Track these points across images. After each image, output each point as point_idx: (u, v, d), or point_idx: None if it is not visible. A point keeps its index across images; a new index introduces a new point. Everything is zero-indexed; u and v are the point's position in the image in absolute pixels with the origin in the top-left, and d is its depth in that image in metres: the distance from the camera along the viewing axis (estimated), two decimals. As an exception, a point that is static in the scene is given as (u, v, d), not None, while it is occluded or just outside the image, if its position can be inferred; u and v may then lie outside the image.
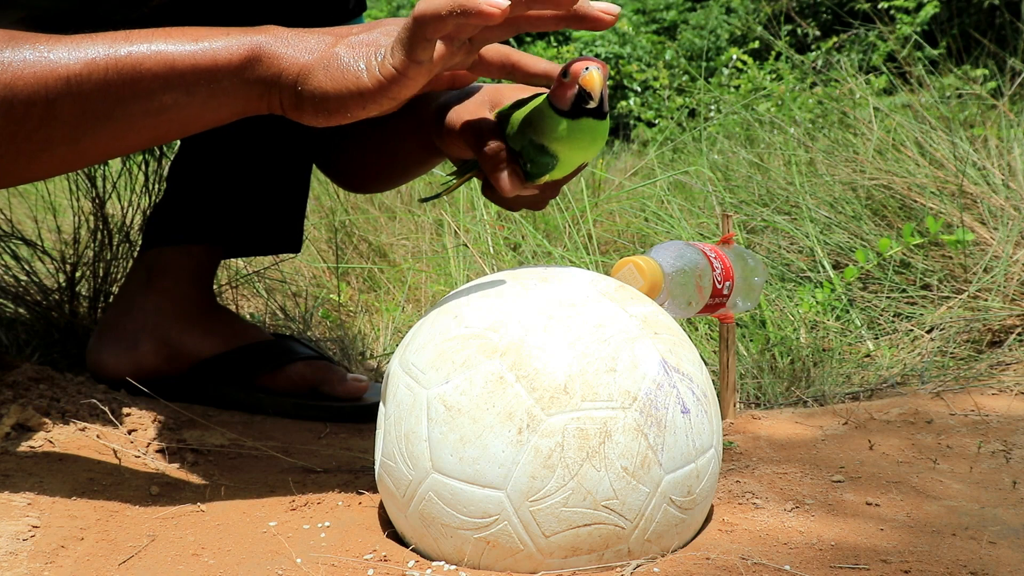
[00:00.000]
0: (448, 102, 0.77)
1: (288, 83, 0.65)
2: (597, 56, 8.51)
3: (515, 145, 0.69)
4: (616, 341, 0.62)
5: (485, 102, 0.76)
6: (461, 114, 0.75)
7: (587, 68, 0.63)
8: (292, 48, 0.65)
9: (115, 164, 1.47)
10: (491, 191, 0.75)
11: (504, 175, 0.69)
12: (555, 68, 0.70)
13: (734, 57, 4.42)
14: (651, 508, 0.60)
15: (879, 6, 4.55)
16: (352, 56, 0.63)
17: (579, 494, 0.58)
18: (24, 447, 0.80)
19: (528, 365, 0.60)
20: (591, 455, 0.58)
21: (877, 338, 1.40)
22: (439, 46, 0.61)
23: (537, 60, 0.71)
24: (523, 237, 1.92)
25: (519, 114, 0.69)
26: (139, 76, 0.64)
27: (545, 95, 0.68)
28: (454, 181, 0.79)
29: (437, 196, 0.84)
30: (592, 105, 0.64)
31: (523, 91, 0.75)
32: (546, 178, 0.70)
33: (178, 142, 1.17)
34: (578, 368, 0.60)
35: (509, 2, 0.57)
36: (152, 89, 0.64)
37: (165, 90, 0.64)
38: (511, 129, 0.70)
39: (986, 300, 1.41)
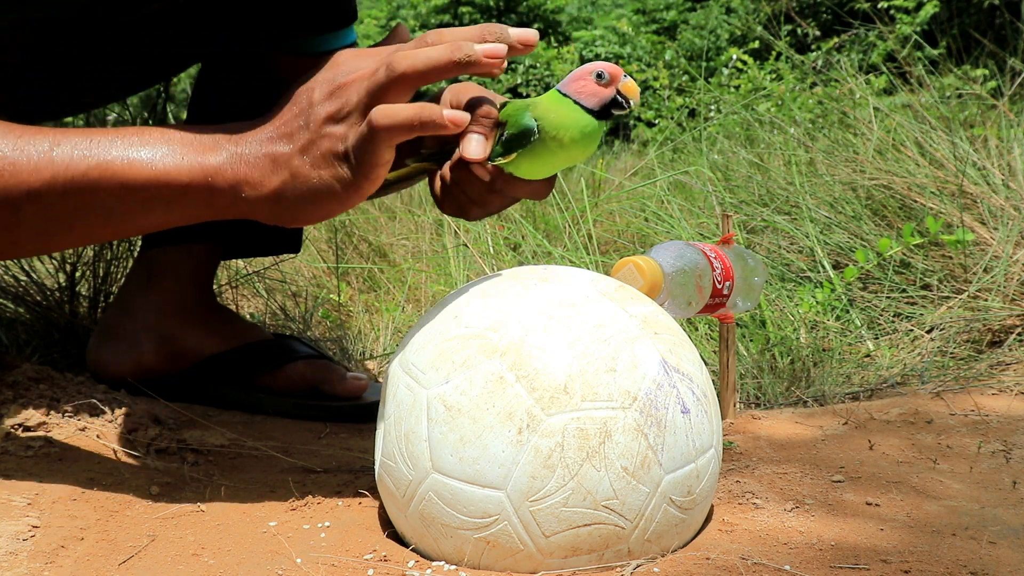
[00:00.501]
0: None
1: (262, 207, 0.66)
2: (598, 56, 8.52)
3: (504, 115, 0.67)
4: (616, 341, 0.62)
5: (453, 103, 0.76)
6: (460, 90, 0.74)
7: (626, 76, 0.65)
8: (252, 172, 0.65)
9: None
10: (439, 181, 0.72)
11: (476, 136, 0.66)
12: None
13: (734, 57, 4.42)
14: (651, 508, 0.60)
15: (879, 6, 4.55)
16: (317, 173, 0.64)
17: (579, 494, 0.58)
18: (24, 447, 0.80)
19: (528, 365, 0.60)
20: (591, 455, 0.58)
21: (877, 338, 1.40)
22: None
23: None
24: (523, 237, 1.92)
25: (523, 102, 0.68)
26: (96, 195, 0.65)
27: (555, 91, 0.67)
28: (406, 169, 0.75)
29: (380, 194, 0.79)
30: (623, 112, 0.66)
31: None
32: (512, 158, 0.66)
33: None
34: (578, 368, 0.60)
35: (468, 115, 0.61)
36: (110, 206, 0.66)
37: (123, 207, 0.66)
38: (509, 107, 0.68)
39: (986, 300, 1.41)
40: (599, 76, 0.65)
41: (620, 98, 0.65)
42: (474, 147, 0.66)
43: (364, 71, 0.65)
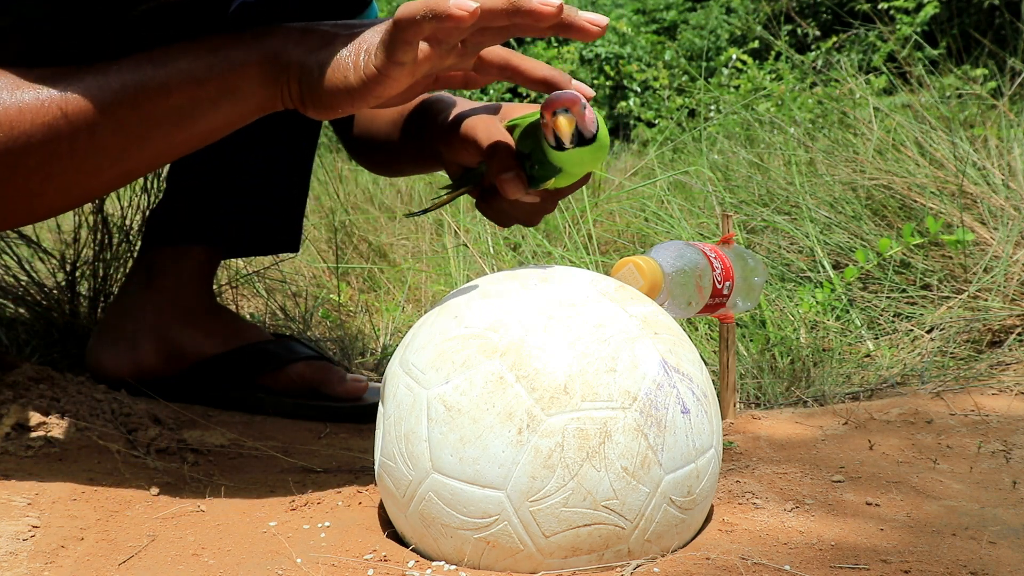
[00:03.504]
0: (465, 113, 0.79)
1: (293, 80, 0.68)
2: (598, 56, 8.51)
3: (524, 148, 0.71)
4: (616, 341, 0.62)
5: (500, 117, 0.79)
6: (475, 121, 0.76)
7: (555, 113, 0.65)
8: (297, 47, 0.68)
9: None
10: (485, 204, 0.78)
11: (510, 176, 0.70)
12: (556, 75, 0.71)
13: (734, 57, 4.42)
14: (651, 508, 0.60)
15: (879, 6, 4.55)
16: (344, 55, 0.65)
17: (579, 494, 0.58)
18: (24, 447, 0.80)
19: (528, 365, 0.60)
20: (591, 455, 0.58)
21: (877, 338, 1.40)
22: (424, 48, 0.63)
23: (537, 66, 0.72)
24: (523, 237, 1.92)
25: (527, 118, 0.72)
26: (169, 98, 0.68)
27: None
28: (446, 195, 0.80)
29: (426, 211, 0.84)
30: (568, 147, 0.66)
31: (535, 109, 0.76)
32: (550, 183, 0.70)
33: None
34: (578, 368, 0.60)
35: (477, 5, 0.59)
36: (182, 107, 0.68)
37: (195, 106, 0.69)
38: (520, 133, 0.72)
39: (986, 300, 1.41)
40: (542, 115, 0.67)
41: (557, 137, 0.66)
42: (513, 188, 0.70)
43: None
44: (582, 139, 0.67)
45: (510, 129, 0.74)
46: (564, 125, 0.65)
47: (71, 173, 0.69)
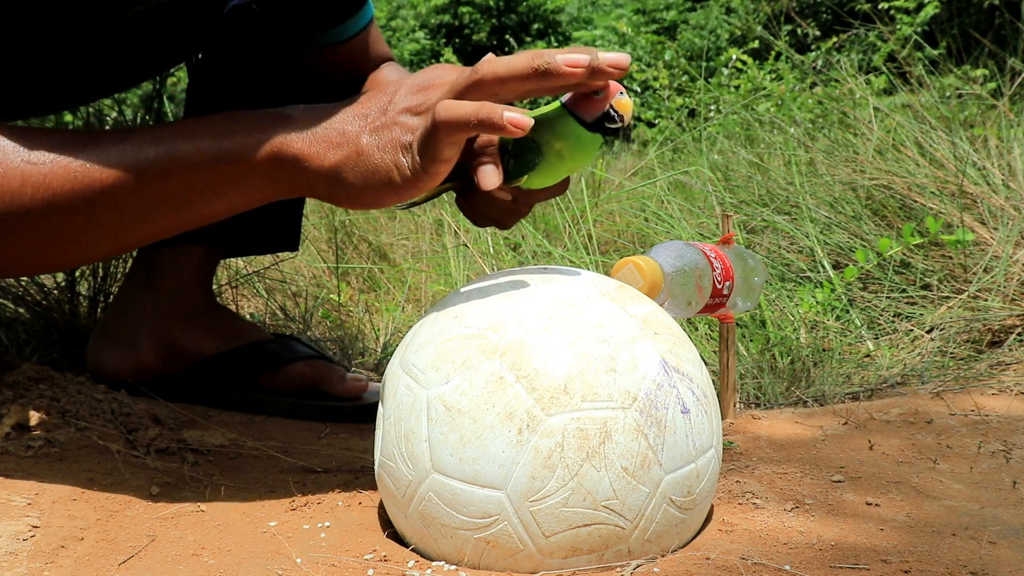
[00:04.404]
0: None
1: (319, 182, 0.67)
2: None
3: (505, 142, 0.70)
4: (616, 341, 0.62)
5: None
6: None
7: (622, 93, 0.66)
8: (316, 145, 0.66)
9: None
10: (464, 200, 0.77)
11: (488, 167, 0.69)
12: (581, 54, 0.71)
13: (734, 57, 4.42)
14: (651, 508, 0.60)
15: (879, 6, 4.55)
16: (380, 156, 0.65)
17: (579, 494, 0.58)
18: (24, 447, 0.80)
19: (528, 365, 0.60)
20: (591, 455, 0.58)
21: (877, 338, 1.40)
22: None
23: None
24: (523, 237, 1.92)
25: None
26: (168, 184, 0.67)
27: (558, 103, 0.69)
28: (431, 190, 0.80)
29: (412, 205, 0.84)
30: (615, 126, 0.66)
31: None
32: (523, 179, 0.69)
33: None
34: (578, 368, 0.60)
35: (529, 120, 0.60)
36: (182, 193, 0.67)
37: (196, 193, 0.67)
38: None
39: (986, 300, 1.41)
40: (595, 91, 0.66)
41: (613, 112, 0.66)
42: (488, 179, 0.68)
43: (451, 78, 0.66)
44: (616, 130, 0.68)
45: None
46: (629, 106, 0.65)
47: (69, 243, 0.68)
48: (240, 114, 0.68)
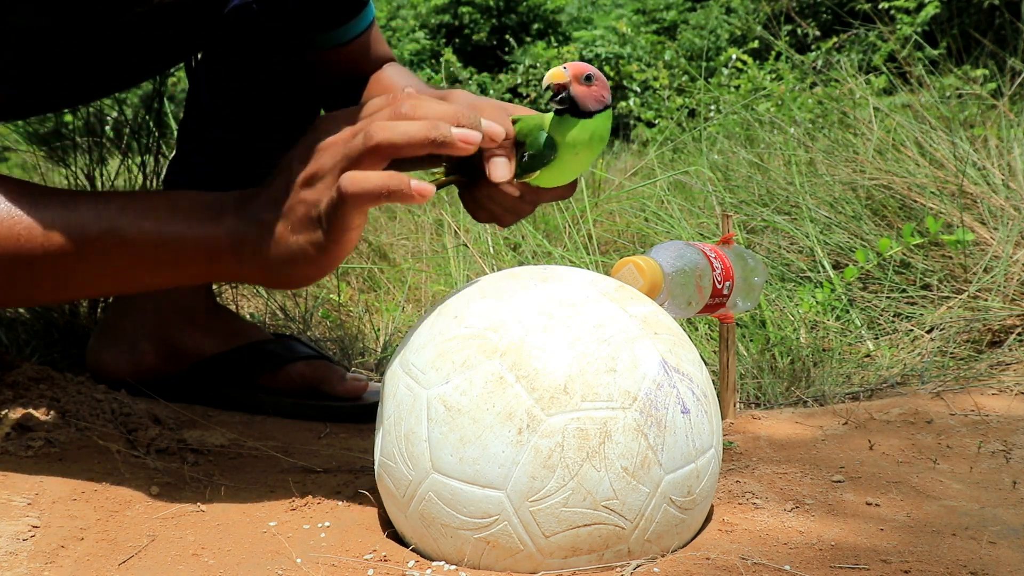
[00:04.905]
0: (476, 104, 0.79)
1: (251, 271, 0.69)
2: (597, 56, 8.52)
3: (521, 137, 0.71)
4: (616, 341, 0.62)
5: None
6: (482, 105, 0.76)
7: (564, 66, 0.68)
8: (244, 240, 0.68)
9: (113, 164, 1.47)
10: (468, 194, 0.77)
11: (500, 160, 0.70)
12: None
13: (734, 57, 4.41)
14: (651, 508, 0.60)
15: (879, 6, 4.55)
16: (294, 238, 0.66)
17: (579, 494, 0.58)
18: (24, 447, 0.80)
19: (528, 365, 0.60)
20: (591, 455, 0.58)
21: (877, 338, 1.40)
22: None
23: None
24: (523, 237, 1.92)
25: (531, 119, 0.72)
26: (133, 252, 0.68)
27: (551, 115, 0.70)
28: (435, 182, 0.80)
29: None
30: (594, 109, 0.68)
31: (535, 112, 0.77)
32: (536, 175, 0.70)
33: (175, 143, 1.18)
34: (578, 368, 0.60)
35: (432, 188, 0.63)
36: (121, 269, 0.69)
37: (134, 269, 0.70)
38: (520, 126, 0.72)
39: (986, 300, 1.41)
40: (587, 79, 0.68)
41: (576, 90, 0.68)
42: (500, 171, 0.70)
43: (341, 136, 0.66)
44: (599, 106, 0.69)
45: (512, 122, 0.74)
46: (559, 73, 0.67)
47: (37, 288, 0.70)
48: (182, 199, 0.70)
